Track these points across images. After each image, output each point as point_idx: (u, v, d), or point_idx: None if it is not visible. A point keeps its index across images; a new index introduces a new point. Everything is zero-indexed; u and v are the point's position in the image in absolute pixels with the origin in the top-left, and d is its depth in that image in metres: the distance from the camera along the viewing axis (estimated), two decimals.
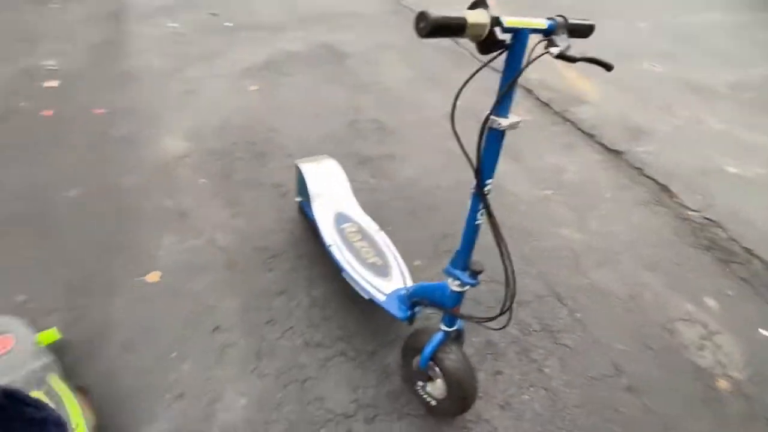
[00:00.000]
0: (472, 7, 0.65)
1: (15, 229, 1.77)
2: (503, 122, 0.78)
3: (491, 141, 0.82)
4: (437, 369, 1.17)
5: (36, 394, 1.16)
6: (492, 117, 0.78)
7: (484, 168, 0.84)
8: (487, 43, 0.67)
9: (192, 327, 1.48)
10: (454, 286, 1.03)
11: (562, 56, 0.73)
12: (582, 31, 0.81)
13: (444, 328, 1.13)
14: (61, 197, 1.92)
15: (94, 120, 2.45)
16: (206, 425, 1.24)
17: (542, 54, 0.73)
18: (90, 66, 2.99)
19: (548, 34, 0.74)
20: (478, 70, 0.77)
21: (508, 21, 0.67)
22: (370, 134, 2.48)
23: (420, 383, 1.24)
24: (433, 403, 1.25)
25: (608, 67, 0.80)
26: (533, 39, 0.75)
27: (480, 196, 0.87)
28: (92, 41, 3.31)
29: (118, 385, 1.31)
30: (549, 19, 0.75)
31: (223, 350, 1.42)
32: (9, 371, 1.19)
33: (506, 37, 0.69)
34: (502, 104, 0.77)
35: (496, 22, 0.65)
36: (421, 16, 0.59)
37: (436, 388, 1.22)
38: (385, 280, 1.40)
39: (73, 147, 2.23)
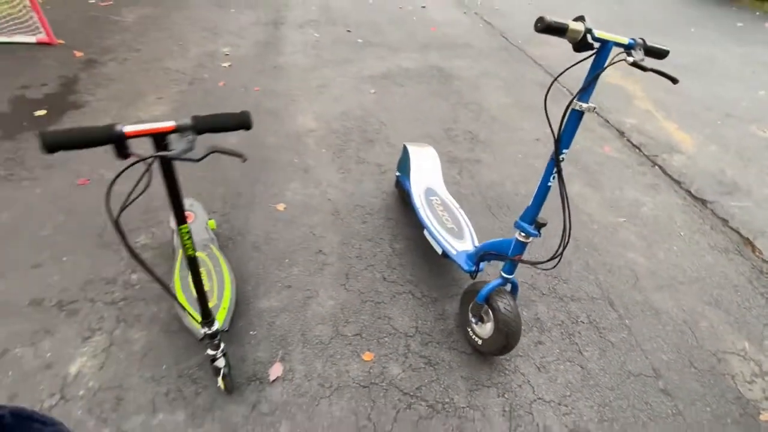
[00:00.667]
0: (576, 19, 0.98)
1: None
2: (583, 105, 1.07)
3: (571, 119, 1.11)
4: (489, 311, 1.44)
5: (202, 254, 1.66)
6: (575, 101, 1.08)
7: (563, 139, 1.13)
8: (580, 45, 0.99)
9: (302, 246, 1.92)
10: (520, 237, 1.31)
11: (635, 64, 1.02)
12: (657, 53, 1.08)
13: (503, 274, 1.40)
14: (224, 142, 2.56)
15: (252, 94, 3.15)
16: (302, 310, 1.64)
17: (620, 60, 1.02)
18: (253, 56, 3.81)
19: (628, 48, 1.03)
20: (571, 66, 1.09)
21: (599, 33, 0.99)
22: (463, 141, 2.84)
23: (473, 320, 1.51)
24: (479, 342, 1.51)
25: (673, 80, 1.06)
26: (615, 51, 1.04)
27: (556, 162, 1.16)
28: (257, 39, 4.19)
29: (246, 269, 1.78)
30: (631, 38, 1.04)
31: (322, 266, 1.83)
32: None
33: (595, 44, 1.00)
34: (584, 93, 1.07)
35: (588, 31, 0.97)
36: (540, 19, 0.94)
37: (485, 329, 1.49)
38: (458, 241, 1.70)
39: (236, 110, 2.91)
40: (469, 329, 1.55)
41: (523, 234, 1.30)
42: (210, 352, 1.26)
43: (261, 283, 1.73)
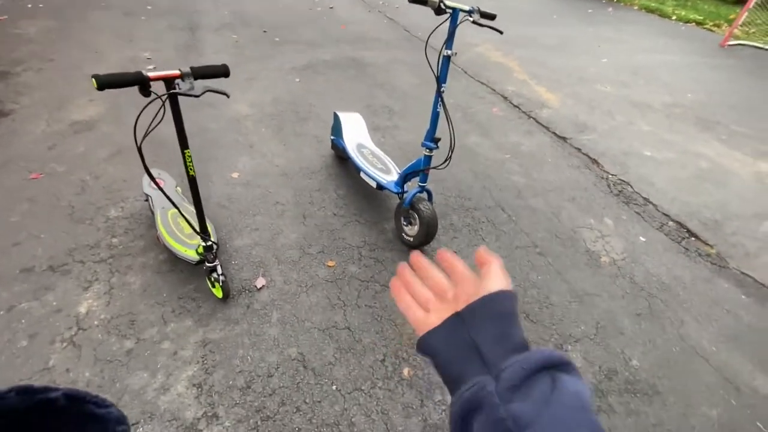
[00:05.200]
0: None
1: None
2: (449, 52, 1.64)
3: (444, 62, 1.67)
4: (414, 214, 1.97)
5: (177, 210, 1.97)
6: (444, 50, 1.65)
7: (441, 77, 1.69)
8: (438, 11, 1.55)
9: (261, 201, 2.30)
10: (426, 152, 1.86)
11: (475, 22, 1.61)
12: (489, 16, 1.68)
13: (420, 184, 1.94)
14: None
15: None
16: (272, 242, 2.04)
17: (465, 19, 1.60)
18: (176, 58, 3.99)
19: (469, 12, 1.62)
20: (436, 27, 1.64)
21: (448, 2, 1.55)
22: (382, 113, 3.38)
23: (404, 223, 2.04)
24: (411, 240, 2.04)
25: (500, 32, 1.68)
26: (463, 15, 1.62)
27: (438, 94, 1.72)
28: (176, 43, 4.34)
29: (218, 221, 2.12)
30: (471, 6, 1.62)
31: (281, 213, 2.23)
32: (162, 200, 2.02)
33: (448, 10, 1.57)
34: (448, 43, 1.63)
35: (441, 1, 1.53)
36: None
37: (413, 229, 2.02)
38: (387, 175, 2.22)
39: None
40: (403, 234, 2.08)
41: (427, 149, 1.85)
42: (208, 264, 1.62)
43: (233, 230, 2.09)
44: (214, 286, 1.69)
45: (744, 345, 1.83)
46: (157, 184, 1.40)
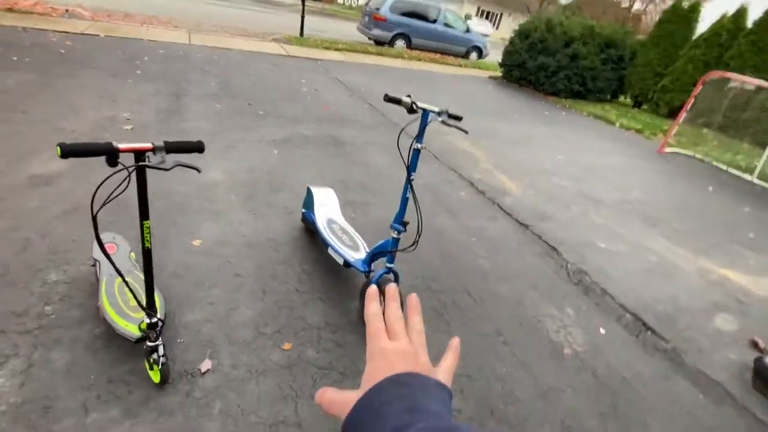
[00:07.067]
0: (407, 96, 1.69)
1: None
2: (419, 146, 1.76)
3: (414, 154, 1.78)
4: (381, 296, 1.93)
5: (129, 279, 1.84)
6: (414, 143, 1.76)
7: (411, 166, 1.79)
8: (410, 111, 1.69)
9: (219, 271, 2.20)
10: (393, 234, 1.88)
11: (443, 122, 1.76)
12: (456, 117, 1.85)
13: (387, 264, 1.93)
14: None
15: None
16: (225, 319, 1.90)
17: (434, 120, 1.75)
18: (155, 121, 4.05)
19: (438, 113, 1.77)
20: (408, 123, 1.78)
21: (420, 104, 1.71)
22: (355, 189, 3.48)
23: None
24: None
25: (465, 132, 1.83)
26: (434, 115, 1.77)
27: (408, 181, 1.80)
28: (158, 107, 4.45)
29: (169, 292, 1.98)
30: (441, 108, 1.79)
31: (240, 286, 2.13)
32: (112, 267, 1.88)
33: (420, 110, 1.72)
34: (418, 138, 1.76)
35: (413, 102, 1.68)
36: (385, 94, 1.61)
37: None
38: (355, 252, 2.21)
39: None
40: None
41: (395, 232, 1.88)
42: (149, 343, 1.47)
43: (184, 303, 1.94)
44: (152, 369, 1.52)
45: None
46: (106, 251, 1.31)
